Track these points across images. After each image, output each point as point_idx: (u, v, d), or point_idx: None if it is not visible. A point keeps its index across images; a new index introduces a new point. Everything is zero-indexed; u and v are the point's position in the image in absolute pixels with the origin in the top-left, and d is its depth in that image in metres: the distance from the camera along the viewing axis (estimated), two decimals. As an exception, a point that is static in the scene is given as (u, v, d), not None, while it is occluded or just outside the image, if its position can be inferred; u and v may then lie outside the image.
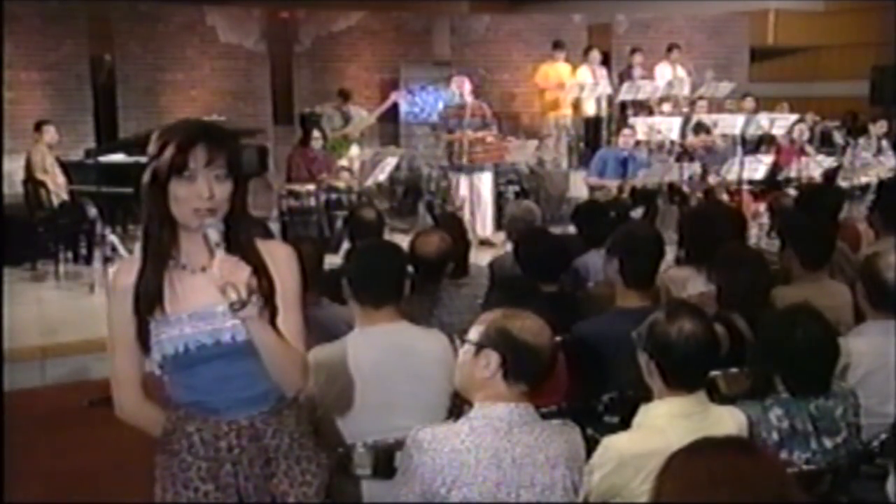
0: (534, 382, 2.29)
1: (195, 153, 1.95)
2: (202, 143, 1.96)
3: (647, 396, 2.47)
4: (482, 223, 8.58)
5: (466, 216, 8.46)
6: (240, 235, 2.01)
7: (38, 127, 8.26)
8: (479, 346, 2.30)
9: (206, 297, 1.96)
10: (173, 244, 2.04)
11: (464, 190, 8.64)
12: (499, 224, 8.08)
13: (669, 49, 11.48)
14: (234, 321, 1.97)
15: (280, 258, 2.10)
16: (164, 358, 2.04)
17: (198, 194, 1.95)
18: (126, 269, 2.08)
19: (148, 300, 2.02)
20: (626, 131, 9.01)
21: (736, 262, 3.48)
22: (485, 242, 8.24)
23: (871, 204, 5.35)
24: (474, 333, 2.33)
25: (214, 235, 1.93)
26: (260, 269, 1.98)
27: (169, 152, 1.96)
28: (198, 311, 2.02)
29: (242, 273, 1.88)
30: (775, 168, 9.04)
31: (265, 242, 2.14)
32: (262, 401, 2.10)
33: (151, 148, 2.00)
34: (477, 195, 8.63)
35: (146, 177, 2.00)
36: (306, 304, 2.22)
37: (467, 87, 8.71)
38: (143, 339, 2.05)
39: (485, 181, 8.71)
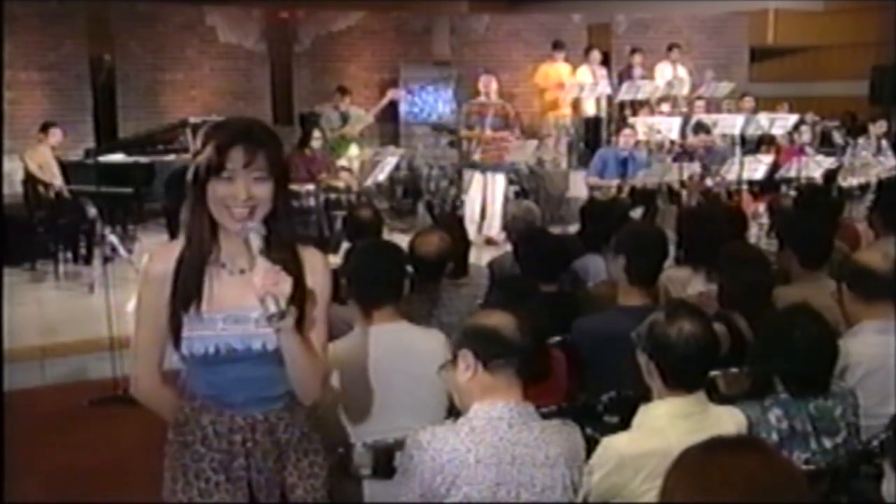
0: (518, 364, 2.28)
1: (233, 155, 1.94)
2: (240, 144, 1.95)
3: (647, 396, 2.47)
4: (489, 223, 8.58)
5: (475, 215, 8.48)
6: (281, 239, 2.02)
7: (45, 128, 8.26)
8: (454, 354, 2.32)
9: (243, 299, 1.97)
10: (214, 242, 2.03)
11: (476, 188, 8.63)
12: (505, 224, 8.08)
13: (670, 48, 11.49)
14: (267, 329, 1.97)
15: (316, 267, 2.10)
16: (191, 355, 2.04)
17: (234, 195, 1.94)
18: (162, 255, 2.06)
19: (186, 296, 2.02)
20: (626, 131, 9.00)
21: (737, 262, 3.48)
22: (490, 242, 8.25)
23: (871, 204, 5.35)
24: (442, 356, 2.38)
25: (256, 241, 1.93)
26: (297, 278, 1.98)
27: (208, 152, 1.95)
28: (232, 314, 2.02)
29: (284, 284, 1.89)
30: (775, 168, 9.04)
31: (304, 248, 2.12)
32: (277, 400, 2.12)
33: (195, 144, 2.00)
34: (491, 194, 8.63)
35: (189, 174, 2.00)
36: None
37: (494, 86, 8.70)
38: (176, 332, 2.04)
39: (498, 181, 8.72)
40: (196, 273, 2.02)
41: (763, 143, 10.28)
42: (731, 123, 9.92)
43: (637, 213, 7.80)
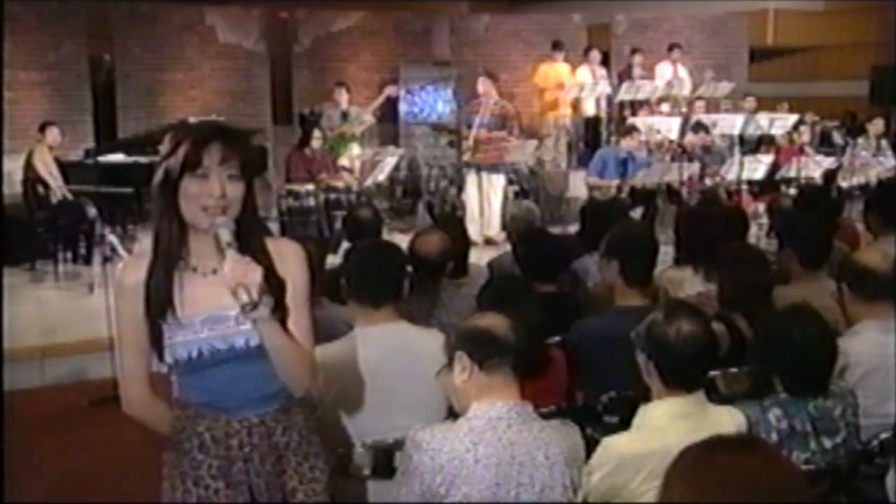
0: (513, 363, 2.29)
1: (210, 150, 1.95)
2: (218, 141, 1.96)
3: (647, 396, 2.48)
4: (489, 223, 8.58)
5: (475, 215, 8.48)
6: (251, 236, 2.01)
7: (42, 128, 8.25)
8: (449, 357, 2.34)
9: (218, 299, 1.96)
10: (183, 245, 2.03)
11: (476, 188, 8.63)
12: (505, 224, 8.08)
13: (671, 48, 11.49)
14: (248, 326, 1.96)
15: (289, 257, 2.10)
16: (176, 362, 2.03)
17: (209, 192, 1.94)
18: (134, 266, 2.07)
19: (159, 303, 2.01)
20: (634, 134, 8.94)
21: (738, 262, 3.48)
22: (490, 242, 8.25)
23: (864, 206, 5.32)
24: (442, 356, 2.38)
25: (226, 235, 1.92)
26: (269, 269, 1.98)
27: (183, 149, 1.95)
28: (211, 316, 2.01)
29: (254, 274, 1.88)
30: (774, 168, 9.04)
31: (274, 241, 2.14)
32: (272, 400, 2.11)
33: (164, 147, 1.99)
34: (490, 194, 8.63)
35: (158, 176, 1.99)
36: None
37: (491, 87, 8.69)
38: (156, 342, 2.03)
39: (498, 181, 8.71)
40: (166, 279, 2.01)
41: (763, 143, 10.29)
42: (730, 123, 9.92)
43: (637, 213, 7.80)
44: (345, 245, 4.69)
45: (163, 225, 2.01)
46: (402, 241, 3.76)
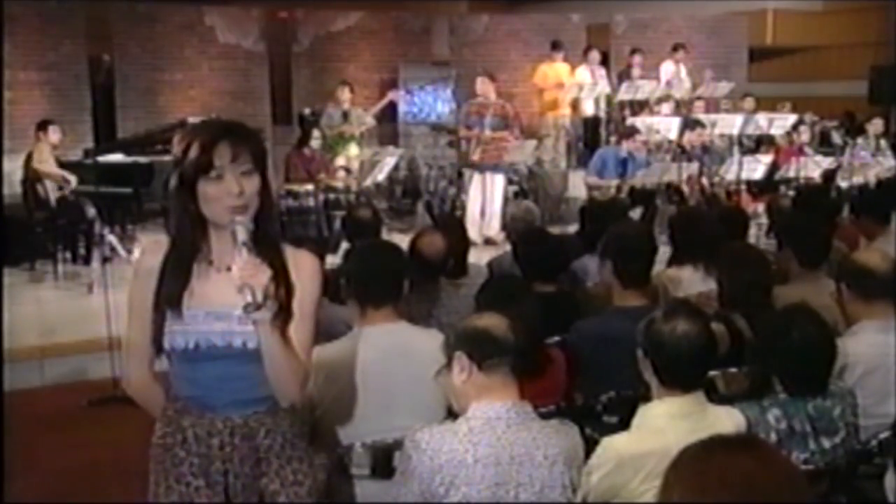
0: (512, 363, 2.29)
1: (219, 151, 1.96)
2: (225, 140, 1.97)
3: (647, 396, 2.48)
4: (489, 223, 8.59)
5: (475, 215, 8.48)
6: (268, 236, 2.03)
7: (43, 127, 8.25)
8: (448, 358, 2.34)
9: (226, 297, 1.96)
10: (204, 241, 2.05)
11: (475, 188, 8.63)
12: (505, 224, 8.08)
13: (675, 49, 11.50)
14: (249, 327, 1.97)
15: (305, 268, 2.11)
16: (172, 350, 2.05)
17: (228, 192, 1.95)
18: (153, 250, 2.10)
19: (169, 292, 2.04)
20: (638, 137, 8.93)
21: (737, 262, 3.49)
22: (489, 242, 8.26)
23: (852, 211, 5.31)
24: (441, 357, 2.39)
25: (242, 234, 1.93)
26: (280, 274, 1.98)
27: (193, 153, 1.96)
28: (214, 311, 2.03)
29: (262, 276, 1.88)
30: (774, 168, 9.05)
31: (293, 251, 2.13)
32: (259, 404, 2.11)
33: (175, 150, 2.00)
34: (490, 194, 8.63)
35: (173, 180, 2.00)
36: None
37: (490, 87, 8.70)
38: (157, 331, 2.05)
39: (498, 181, 8.72)
40: (181, 270, 2.04)
41: (762, 143, 10.30)
42: (729, 123, 9.92)
43: (636, 213, 7.80)
44: (344, 245, 4.69)
45: (183, 225, 2.03)
46: (402, 241, 3.76)
